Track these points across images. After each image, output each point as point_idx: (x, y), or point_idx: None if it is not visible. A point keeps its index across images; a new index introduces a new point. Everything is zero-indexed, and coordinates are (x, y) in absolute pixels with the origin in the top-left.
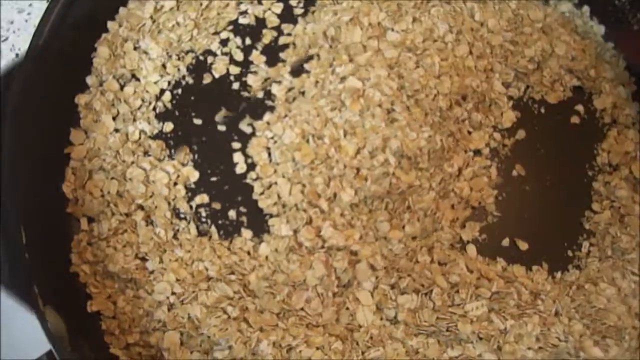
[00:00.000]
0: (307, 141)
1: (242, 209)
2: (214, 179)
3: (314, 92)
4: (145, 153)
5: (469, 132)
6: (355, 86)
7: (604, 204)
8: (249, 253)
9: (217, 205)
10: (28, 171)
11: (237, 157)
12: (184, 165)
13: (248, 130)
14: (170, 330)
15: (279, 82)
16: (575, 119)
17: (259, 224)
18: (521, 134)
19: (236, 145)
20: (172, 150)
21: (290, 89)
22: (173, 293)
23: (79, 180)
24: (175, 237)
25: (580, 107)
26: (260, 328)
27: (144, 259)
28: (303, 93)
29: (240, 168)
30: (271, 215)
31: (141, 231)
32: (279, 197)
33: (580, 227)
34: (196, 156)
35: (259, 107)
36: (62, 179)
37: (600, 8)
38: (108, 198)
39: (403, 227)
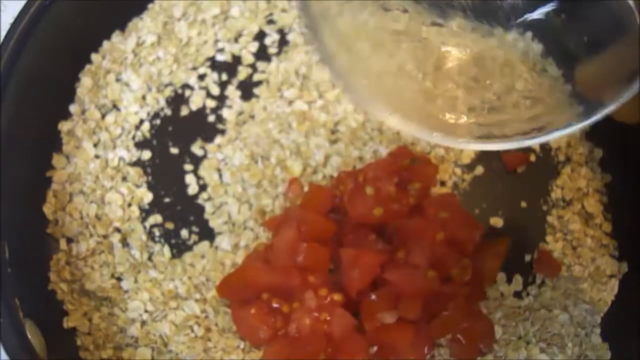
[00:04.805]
0: (256, 162)
1: (194, 228)
2: (167, 199)
3: (262, 116)
4: (124, 179)
5: None
6: (301, 109)
7: (557, 236)
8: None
9: (170, 225)
10: (12, 192)
11: (189, 179)
12: (138, 186)
13: (200, 152)
14: (142, 346)
15: (230, 107)
16: (531, 157)
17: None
18: (479, 169)
19: (188, 167)
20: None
21: (240, 113)
22: (146, 311)
23: (59, 203)
24: (149, 259)
25: (536, 146)
26: (222, 348)
27: (119, 279)
28: (253, 117)
29: (192, 189)
30: (221, 234)
31: (117, 252)
32: (229, 216)
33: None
34: (150, 178)
35: (210, 130)
36: (44, 201)
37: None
38: (87, 220)
39: None
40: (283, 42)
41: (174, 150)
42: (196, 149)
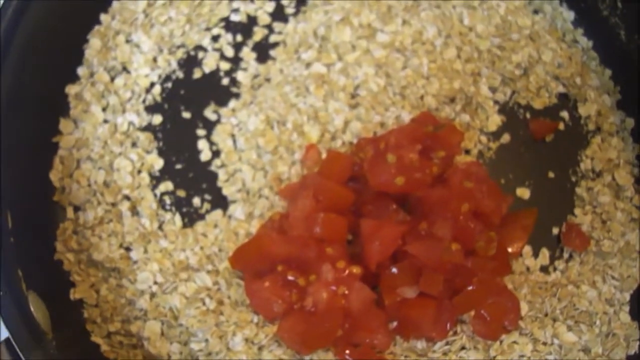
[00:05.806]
0: (272, 127)
1: (207, 196)
2: (178, 166)
3: (279, 79)
4: (134, 144)
5: None
6: (319, 72)
7: (586, 208)
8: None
9: (181, 193)
10: (16, 158)
11: (202, 144)
12: (148, 152)
13: (213, 117)
14: (151, 319)
15: (245, 69)
16: (560, 125)
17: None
18: (506, 137)
19: (201, 132)
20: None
21: (255, 76)
22: (155, 282)
23: (66, 169)
24: (160, 228)
25: (565, 114)
26: (235, 322)
27: (128, 249)
28: (268, 80)
29: (205, 155)
30: (235, 202)
31: (126, 221)
32: (243, 183)
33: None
34: (161, 143)
35: (224, 94)
36: (50, 167)
37: None
38: (95, 187)
39: None
40: (301, 2)
41: (186, 115)
42: (209, 113)
